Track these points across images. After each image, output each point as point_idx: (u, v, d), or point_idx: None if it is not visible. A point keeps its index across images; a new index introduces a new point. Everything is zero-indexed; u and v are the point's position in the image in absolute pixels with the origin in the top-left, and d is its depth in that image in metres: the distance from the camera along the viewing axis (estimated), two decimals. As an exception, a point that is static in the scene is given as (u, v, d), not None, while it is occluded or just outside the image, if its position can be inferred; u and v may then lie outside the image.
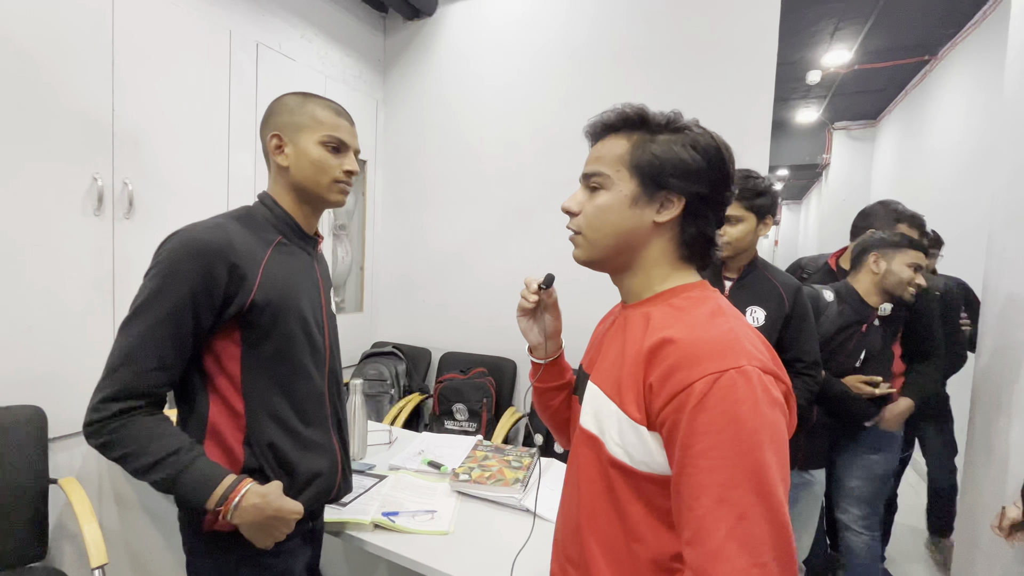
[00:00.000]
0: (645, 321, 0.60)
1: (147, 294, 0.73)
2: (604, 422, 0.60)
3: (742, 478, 0.47)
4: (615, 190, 0.61)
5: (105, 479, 1.62)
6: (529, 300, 0.76)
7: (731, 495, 0.47)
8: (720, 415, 0.48)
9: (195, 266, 0.73)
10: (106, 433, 0.71)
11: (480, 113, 2.52)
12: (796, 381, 1.35)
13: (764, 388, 0.50)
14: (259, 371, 0.79)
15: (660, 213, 0.60)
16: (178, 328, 0.72)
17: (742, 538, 0.46)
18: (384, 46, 2.80)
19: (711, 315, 0.57)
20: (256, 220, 0.84)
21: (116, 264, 1.59)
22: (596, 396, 0.62)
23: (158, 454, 0.71)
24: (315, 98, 0.88)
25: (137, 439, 0.71)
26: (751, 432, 0.48)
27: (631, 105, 0.63)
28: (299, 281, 0.85)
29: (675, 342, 0.54)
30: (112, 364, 0.72)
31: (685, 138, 0.60)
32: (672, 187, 0.59)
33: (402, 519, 1.11)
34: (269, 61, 2.10)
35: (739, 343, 0.52)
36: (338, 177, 0.87)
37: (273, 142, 0.85)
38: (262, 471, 0.80)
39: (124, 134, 1.60)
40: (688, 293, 0.61)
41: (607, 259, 0.64)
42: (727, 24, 2.02)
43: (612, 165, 0.62)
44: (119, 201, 1.60)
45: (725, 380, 0.49)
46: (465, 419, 2.22)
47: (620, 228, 0.61)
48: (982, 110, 3.20)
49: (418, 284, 2.72)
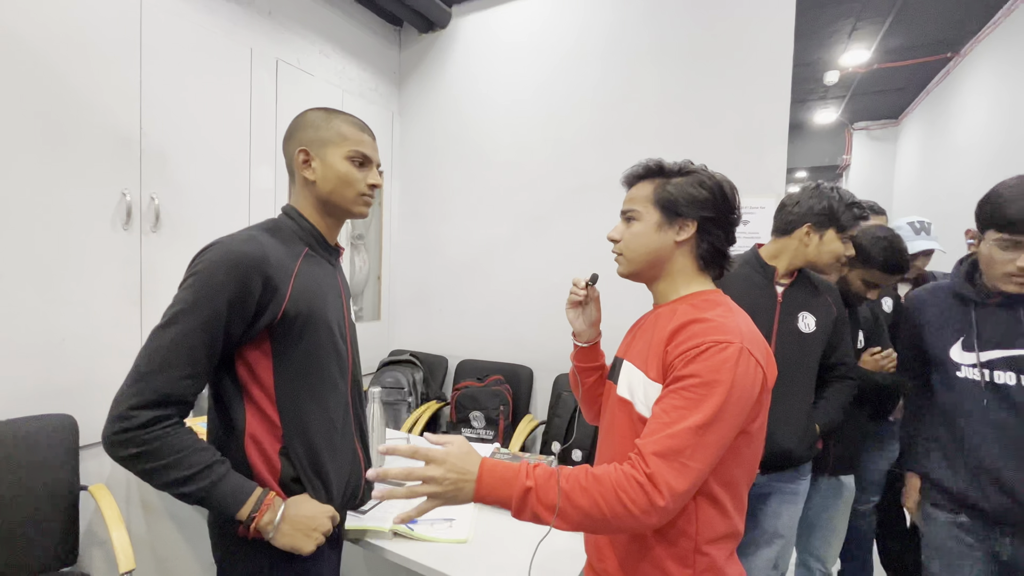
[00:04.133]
0: (672, 314, 0.78)
1: (184, 303, 0.73)
2: (634, 388, 0.78)
3: (698, 409, 0.66)
4: (645, 220, 0.82)
5: (133, 486, 1.66)
6: (579, 294, 0.95)
7: (687, 417, 0.66)
8: (707, 367, 0.68)
9: (232, 277, 0.74)
10: (140, 443, 0.69)
11: (493, 122, 2.55)
12: (841, 385, 1.36)
13: (746, 360, 0.69)
14: (291, 380, 0.81)
15: (679, 234, 0.80)
16: (212, 337, 0.73)
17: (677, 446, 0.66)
18: (399, 59, 2.86)
19: (723, 313, 0.75)
20: (284, 232, 0.86)
21: (144, 276, 1.65)
22: (630, 370, 0.81)
23: (195, 467, 0.71)
24: (339, 114, 0.90)
25: (177, 450, 0.71)
26: (716, 383, 0.67)
27: (651, 159, 0.84)
28: (325, 291, 0.87)
29: (694, 323, 0.73)
30: (141, 370, 0.71)
31: (694, 179, 0.80)
32: (685, 214, 0.79)
33: (421, 527, 1.11)
34: (288, 77, 2.16)
35: (738, 330, 0.71)
36: (363, 191, 0.89)
37: (300, 157, 0.87)
38: (298, 480, 0.81)
39: (151, 150, 1.66)
40: (705, 297, 0.80)
41: (642, 271, 0.84)
42: (742, 27, 2.00)
43: (641, 203, 0.82)
44: (146, 215, 1.65)
45: (719, 347, 0.68)
46: (482, 427, 2.22)
47: (650, 247, 0.81)
48: (1008, 107, 3.11)
49: (434, 292, 2.74)
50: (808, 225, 1.25)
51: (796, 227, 1.27)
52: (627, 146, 2.24)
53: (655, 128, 2.18)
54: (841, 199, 1.26)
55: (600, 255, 2.33)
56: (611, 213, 2.25)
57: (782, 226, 1.31)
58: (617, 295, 1.43)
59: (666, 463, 0.65)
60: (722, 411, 0.66)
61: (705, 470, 0.67)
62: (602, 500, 0.64)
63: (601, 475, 0.66)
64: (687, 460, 0.65)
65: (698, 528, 0.73)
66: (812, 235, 1.25)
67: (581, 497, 0.65)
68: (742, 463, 0.75)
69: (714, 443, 0.67)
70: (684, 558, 0.73)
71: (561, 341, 2.41)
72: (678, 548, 0.73)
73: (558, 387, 2.29)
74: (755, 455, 0.76)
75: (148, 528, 1.70)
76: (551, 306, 2.41)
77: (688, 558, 0.73)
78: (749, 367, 0.69)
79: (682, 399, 0.68)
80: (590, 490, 0.65)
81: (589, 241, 2.33)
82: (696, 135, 2.10)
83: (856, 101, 4.86)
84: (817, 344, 1.27)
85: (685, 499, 0.67)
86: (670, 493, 0.64)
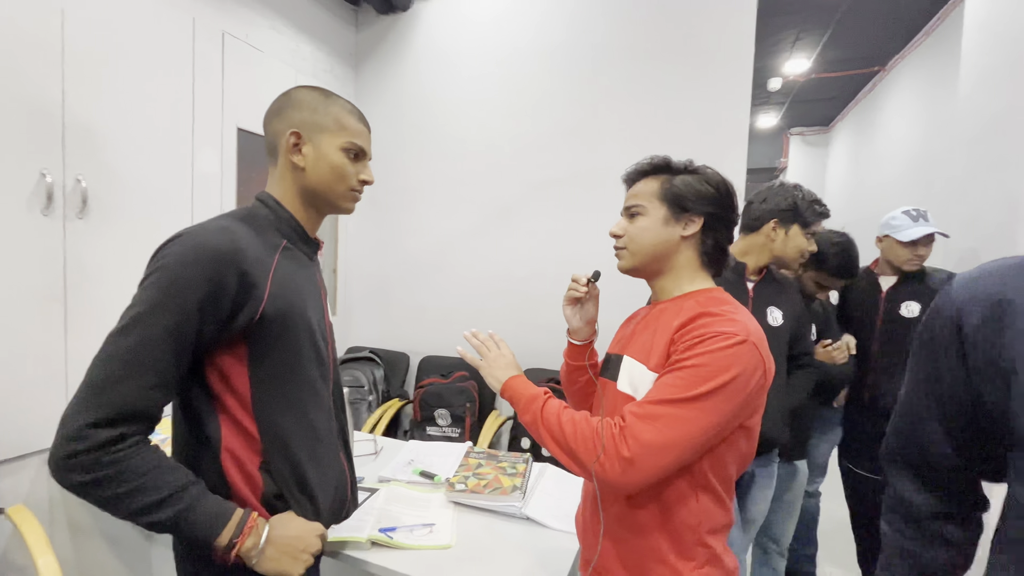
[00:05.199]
0: (678, 310, 0.78)
1: (146, 303, 0.64)
2: (637, 382, 0.78)
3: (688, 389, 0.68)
4: (651, 216, 0.82)
5: (58, 505, 1.48)
6: (579, 290, 0.92)
7: (674, 393, 0.68)
8: (707, 352, 0.69)
9: (203, 273, 0.65)
10: (99, 466, 0.59)
11: (458, 113, 2.47)
12: (804, 373, 1.43)
13: (751, 353, 0.69)
14: (269, 388, 0.73)
15: (685, 228, 0.81)
16: (180, 343, 0.64)
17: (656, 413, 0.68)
18: (356, 40, 2.71)
19: (732, 309, 0.76)
20: (259, 222, 0.77)
21: (68, 268, 1.45)
22: (631, 365, 0.81)
23: (165, 490, 0.62)
24: (336, 98, 0.82)
25: (144, 473, 0.61)
26: (717, 369, 0.68)
27: (658, 156, 0.85)
28: (305, 289, 0.80)
29: (703, 316, 0.74)
30: (97, 381, 0.61)
31: (700, 176, 0.82)
32: (692, 209, 0.80)
33: (400, 534, 1.06)
34: (236, 52, 1.98)
35: (746, 326, 0.72)
36: (354, 186, 0.82)
37: (291, 139, 0.78)
38: (282, 497, 0.74)
39: (76, 125, 1.46)
40: (710, 295, 0.80)
41: (646, 266, 0.84)
42: (706, 30, 2.06)
43: (647, 198, 0.83)
44: (71, 199, 1.46)
45: (724, 336, 0.69)
46: (448, 424, 2.17)
47: (656, 241, 0.81)
48: (925, 119, 3.43)
49: (394, 286, 2.64)
50: (774, 221, 1.31)
51: (763, 223, 1.32)
52: (594, 142, 2.25)
53: (621, 125, 2.20)
54: (804, 196, 1.33)
55: (567, 249, 2.37)
56: (578, 208, 2.29)
57: (749, 223, 1.36)
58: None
59: (639, 421, 0.69)
60: (712, 394, 0.67)
61: (680, 444, 0.67)
62: (580, 434, 0.73)
63: (593, 420, 0.74)
64: (662, 427, 0.67)
65: (700, 520, 0.74)
66: (778, 230, 1.31)
67: (568, 423, 0.75)
68: (738, 458, 0.76)
69: (694, 420, 0.67)
70: (688, 551, 0.74)
71: (527, 335, 2.40)
72: (682, 542, 0.74)
73: (525, 382, 2.28)
74: (751, 450, 0.78)
75: (78, 552, 1.52)
76: (517, 300, 2.39)
77: (691, 551, 0.74)
78: (752, 360, 0.70)
79: (674, 378, 0.70)
80: (577, 422, 0.74)
81: (555, 235, 2.33)
82: (661, 134, 2.14)
83: (794, 108, 5.18)
84: (784, 336, 1.34)
85: (654, 462, 0.67)
86: (637, 446, 0.67)
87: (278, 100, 0.82)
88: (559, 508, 1.22)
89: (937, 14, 3.10)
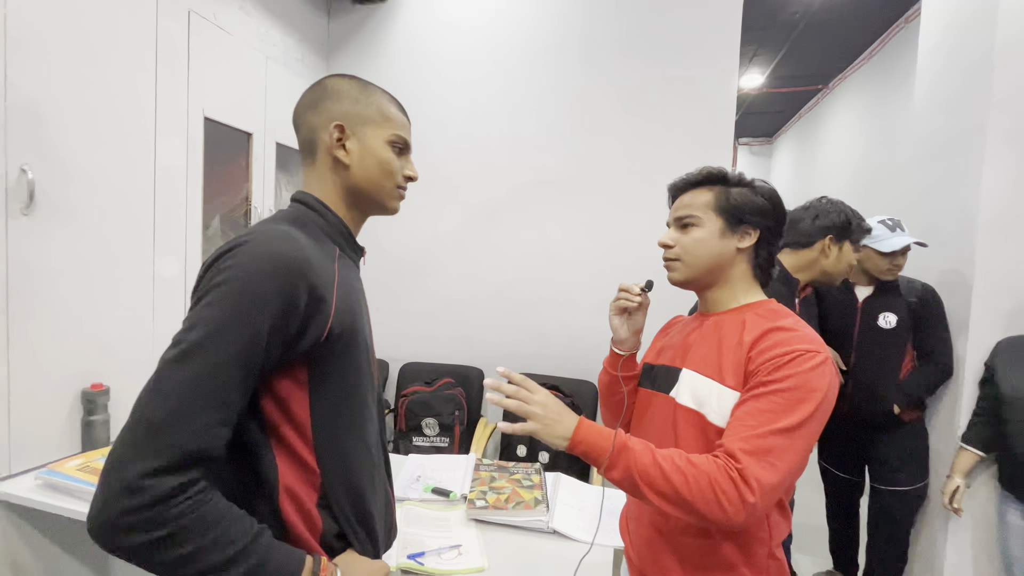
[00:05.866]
0: (741, 323, 0.78)
1: (210, 324, 0.54)
2: (704, 398, 0.76)
3: (790, 414, 0.67)
4: (706, 227, 0.81)
5: None
6: (632, 300, 0.89)
7: (777, 420, 0.67)
8: (798, 373, 0.68)
9: (277, 288, 0.56)
10: (166, 523, 0.49)
11: (439, 111, 2.39)
12: None
13: (832, 370, 0.71)
14: (331, 414, 0.64)
15: (742, 240, 0.81)
16: (249, 369, 0.55)
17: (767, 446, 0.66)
18: (328, 29, 2.55)
19: (797, 323, 0.76)
20: (311, 228, 0.68)
21: (11, 269, 1.24)
22: (694, 379, 0.79)
23: (239, 543, 0.53)
24: (375, 87, 0.75)
25: (213, 526, 0.51)
26: (810, 390, 0.68)
27: (712, 167, 0.84)
28: (360, 301, 0.72)
29: (776, 331, 0.73)
30: (155, 420, 0.50)
31: (754, 189, 0.82)
32: (750, 222, 0.80)
33: (429, 559, 0.99)
34: (203, 32, 1.80)
35: (818, 338, 0.73)
36: (400, 183, 0.76)
37: (334, 133, 0.70)
38: (343, 536, 0.65)
39: (20, 108, 1.26)
40: (768, 307, 0.81)
41: (701, 278, 0.83)
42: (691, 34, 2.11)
43: (700, 209, 0.82)
44: (14, 192, 1.25)
45: (810, 355, 0.69)
46: (435, 434, 2.09)
47: (713, 253, 0.81)
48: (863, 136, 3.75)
49: (373, 290, 2.47)
50: (829, 237, 1.31)
51: (816, 239, 1.31)
52: (582, 145, 2.25)
53: (609, 129, 2.22)
54: (853, 213, 1.35)
55: (553, 252, 2.35)
56: (565, 210, 2.28)
57: (801, 239, 1.33)
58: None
59: (756, 461, 0.65)
60: (812, 418, 0.67)
61: (793, 473, 0.68)
62: (694, 483, 0.65)
63: (698, 461, 0.67)
64: (776, 460, 0.65)
65: (771, 533, 0.74)
66: (833, 247, 1.31)
67: (674, 473, 0.66)
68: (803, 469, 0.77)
69: (801, 448, 0.68)
70: (760, 564, 0.74)
71: (513, 339, 2.37)
72: (755, 555, 0.74)
73: (513, 388, 2.24)
74: None
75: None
76: (502, 304, 2.35)
77: (763, 564, 0.74)
78: (833, 377, 0.71)
79: (770, 403, 0.68)
80: (684, 470, 0.66)
81: (543, 238, 2.31)
82: (647, 139, 2.18)
83: (744, 119, 5.49)
84: None
85: (773, 499, 0.66)
86: (761, 490, 0.64)
87: (311, 91, 0.74)
88: (582, 519, 1.20)
89: (880, 38, 3.39)
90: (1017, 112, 1.56)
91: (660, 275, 0.93)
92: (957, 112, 1.77)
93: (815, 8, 3.02)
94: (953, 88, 1.81)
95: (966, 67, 1.73)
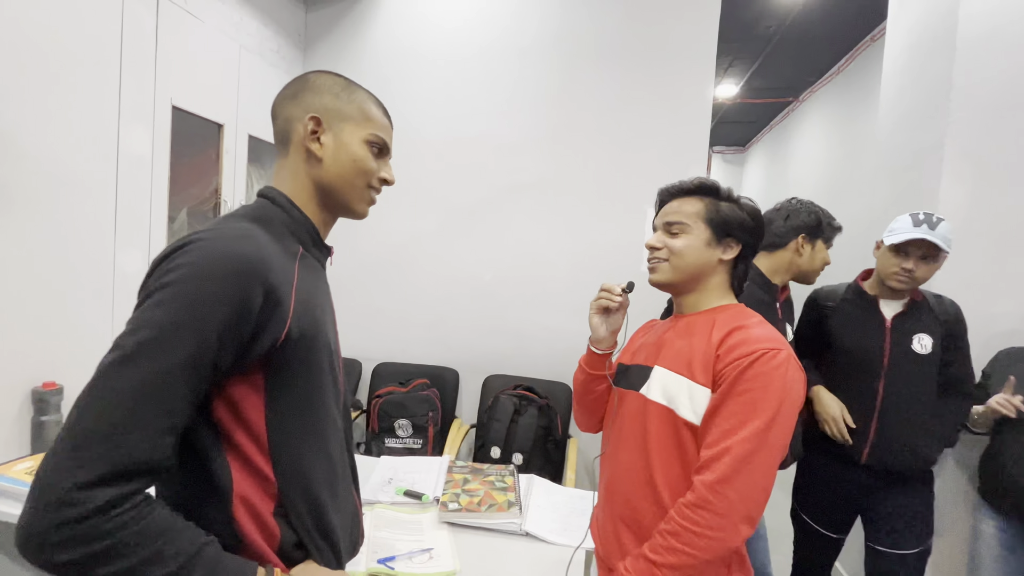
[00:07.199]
0: (711, 323, 0.83)
1: (156, 327, 0.50)
2: (675, 394, 0.81)
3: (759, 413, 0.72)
4: (694, 235, 0.85)
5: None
6: (613, 300, 0.92)
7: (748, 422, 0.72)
8: (762, 373, 0.73)
9: (228, 289, 0.53)
10: (102, 536, 0.46)
11: (419, 107, 2.37)
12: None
13: (793, 363, 0.76)
14: (289, 421, 0.61)
15: (725, 252, 0.86)
16: (198, 375, 0.52)
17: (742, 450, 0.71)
18: (305, 20, 2.50)
19: (759, 323, 0.82)
20: (274, 224, 0.65)
21: (-45, 263, 1.18)
22: (665, 376, 0.83)
23: (181, 556, 0.49)
24: (359, 87, 0.73)
25: (154, 536, 0.48)
26: (776, 388, 0.73)
27: (704, 179, 0.88)
28: (324, 303, 0.69)
29: (740, 329, 0.79)
30: (91, 428, 0.47)
31: (741, 206, 0.87)
32: (734, 235, 0.86)
33: (400, 563, 0.98)
34: (172, 18, 1.73)
35: (779, 337, 0.78)
36: (373, 184, 0.73)
37: (309, 125, 0.67)
38: (301, 545, 0.63)
39: (-30, 88, 1.19)
40: (737, 310, 0.87)
41: (683, 281, 0.87)
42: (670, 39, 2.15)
43: (690, 217, 0.86)
44: (-39, 178, 1.18)
45: (771, 353, 0.74)
46: (408, 435, 2.07)
47: (699, 260, 0.85)
48: (830, 148, 3.88)
49: (346, 289, 2.45)
50: (802, 236, 1.33)
51: (789, 239, 1.33)
52: (561, 147, 2.26)
53: (589, 133, 2.24)
54: (823, 212, 1.38)
55: (532, 254, 2.35)
56: (543, 211, 2.29)
57: (775, 240, 1.34)
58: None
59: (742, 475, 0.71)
60: (779, 413, 0.73)
61: (775, 466, 0.73)
62: (690, 546, 0.71)
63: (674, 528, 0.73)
64: (761, 465, 0.71)
65: None
66: (806, 245, 1.33)
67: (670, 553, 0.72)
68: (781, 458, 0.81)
69: (775, 444, 0.72)
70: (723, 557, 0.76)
71: (491, 340, 2.36)
72: None
73: (489, 389, 2.23)
74: None
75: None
76: (479, 304, 2.34)
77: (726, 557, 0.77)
78: (798, 372, 0.76)
79: (739, 404, 0.73)
80: (679, 534, 0.72)
81: (519, 240, 2.31)
82: (627, 144, 2.21)
83: (719, 127, 5.62)
84: None
85: (765, 501, 0.72)
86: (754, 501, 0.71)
87: (292, 84, 0.72)
88: (555, 521, 1.20)
89: (847, 55, 3.52)
90: (974, 130, 1.64)
91: (634, 277, 0.95)
92: (918, 129, 1.85)
93: (789, 23, 3.12)
94: (915, 106, 1.89)
95: (927, 86, 1.82)
